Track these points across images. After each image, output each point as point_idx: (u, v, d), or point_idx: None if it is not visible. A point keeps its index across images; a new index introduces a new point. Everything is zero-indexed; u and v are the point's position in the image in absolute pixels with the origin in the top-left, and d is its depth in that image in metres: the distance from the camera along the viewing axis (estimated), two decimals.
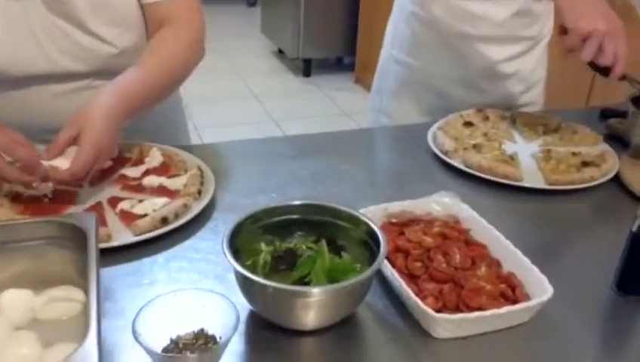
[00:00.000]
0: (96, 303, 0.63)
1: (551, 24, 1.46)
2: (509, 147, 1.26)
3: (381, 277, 0.86)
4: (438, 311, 0.76)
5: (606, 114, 1.44)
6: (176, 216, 0.96)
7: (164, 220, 0.94)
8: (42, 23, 1.06)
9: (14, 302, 0.73)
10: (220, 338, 0.70)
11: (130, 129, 1.07)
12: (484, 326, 0.78)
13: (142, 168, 1.09)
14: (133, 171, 1.08)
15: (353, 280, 0.74)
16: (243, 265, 0.75)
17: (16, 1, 1.04)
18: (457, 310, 0.79)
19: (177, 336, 0.71)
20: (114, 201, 1.00)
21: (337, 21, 4.37)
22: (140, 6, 1.12)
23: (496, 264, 0.87)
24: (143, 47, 1.13)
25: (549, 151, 1.24)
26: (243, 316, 0.80)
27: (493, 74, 1.43)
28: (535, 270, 0.83)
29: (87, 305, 0.65)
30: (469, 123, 1.33)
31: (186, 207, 0.98)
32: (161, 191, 1.03)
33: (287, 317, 0.77)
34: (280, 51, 4.85)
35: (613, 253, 0.89)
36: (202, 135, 3.57)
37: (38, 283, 0.76)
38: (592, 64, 1.17)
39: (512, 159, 1.19)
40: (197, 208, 0.99)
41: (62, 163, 0.97)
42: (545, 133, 1.34)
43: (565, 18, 1.16)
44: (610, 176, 1.16)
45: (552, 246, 0.99)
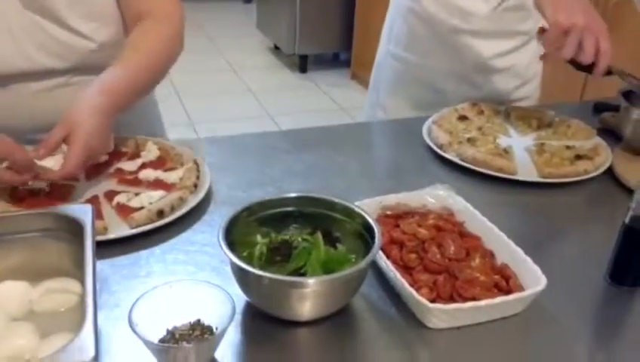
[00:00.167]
0: (92, 294, 0.64)
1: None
2: (504, 141, 1.27)
3: (376, 269, 0.87)
4: (433, 302, 0.77)
5: (599, 108, 1.44)
6: (173, 208, 0.96)
7: (161, 213, 0.94)
8: (19, 20, 1.05)
9: (11, 293, 0.74)
10: (216, 328, 0.71)
11: None
12: (478, 317, 0.79)
13: (138, 162, 1.09)
14: (129, 165, 1.09)
15: (348, 271, 0.74)
16: (239, 257, 0.76)
17: None
18: (451, 300, 0.80)
19: (174, 327, 0.71)
20: (110, 195, 1.00)
21: (333, 17, 4.37)
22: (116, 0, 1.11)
23: (490, 255, 0.87)
24: (120, 41, 1.12)
25: (542, 144, 1.25)
26: (239, 307, 0.80)
27: (488, 69, 1.44)
28: (529, 261, 0.83)
29: (83, 297, 0.65)
30: (463, 117, 1.34)
31: (182, 200, 0.98)
32: (158, 184, 1.03)
33: (283, 307, 0.77)
34: (276, 47, 4.85)
35: (606, 245, 0.89)
36: (198, 130, 3.57)
37: (35, 275, 0.76)
38: (573, 62, 1.16)
39: (506, 152, 1.20)
40: (193, 201, 0.99)
41: (51, 163, 0.97)
42: (539, 127, 1.35)
43: (544, 13, 1.15)
44: (603, 169, 1.17)
45: (546, 238, 1.00)
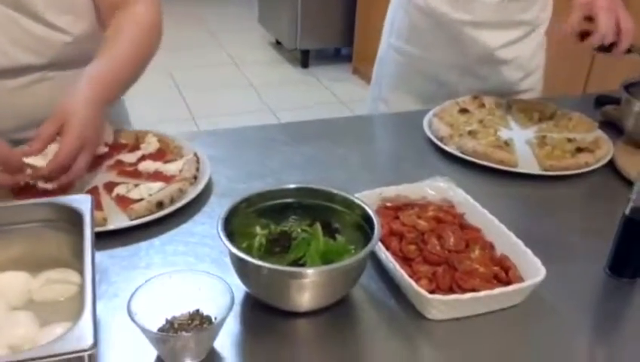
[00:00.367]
0: (91, 283, 0.64)
1: (549, 10, 1.46)
2: (505, 133, 1.26)
3: (375, 260, 0.87)
4: (432, 293, 0.77)
5: (601, 101, 1.44)
6: (172, 200, 0.96)
7: (160, 204, 0.94)
8: None
9: (11, 283, 0.74)
10: (215, 318, 0.71)
11: None
12: (478, 308, 0.79)
13: (138, 154, 1.09)
14: (129, 157, 1.09)
15: (347, 261, 0.74)
16: (238, 248, 0.76)
17: None
18: (451, 292, 0.80)
19: (173, 317, 0.71)
20: (110, 186, 1.00)
21: (335, 12, 4.35)
22: None
23: (489, 247, 0.87)
24: (94, 34, 1.12)
25: (544, 137, 1.24)
26: (238, 298, 0.80)
27: (491, 60, 1.43)
28: (528, 252, 0.83)
29: (82, 286, 0.65)
30: (464, 110, 1.33)
31: (181, 191, 0.98)
32: (157, 176, 1.03)
33: (282, 298, 0.77)
34: (278, 42, 4.83)
35: (607, 237, 0.89)
36: (199, 125, 3.57)
37: (35, 265, 0.76)
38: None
39: (507, 145, 1.20)
40: (193, 193, 0.99)
41: (41, 162, 0.95)
42: (540, 120, 1.34)
43: None
44: (604, 161, 1.17)
45: (546, 230, 1.00)
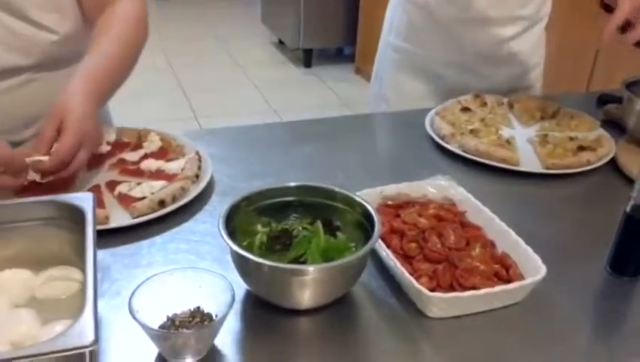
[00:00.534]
0: (92, 280, 0.64)
1: (549, 6, 1.46)
2: (506, 132, 1.26)
3: (376, 258, 0.87)
4: (432, 291, 0.77)
5: (603, 99, 1.44)
6: (174, 198, 0.97)
7: (162, 203, 0.95)
8: None
9: (13, 280, 0.74)
10: (216, 316, 0.71)
11: None
12: (478, 306, 0.79)
13: (140, 152, 1.10)
14: (131, 155, 1.09)
15: (348, 259, 0.75)
16: (239, 245, 0.76)
17: None
18: (451, 289, 0.79)
19: (174, 314, 0.72)
20: (112, 184, 1.01)
21: (338, 11, 4.36)
22: None
23: (490, 245, 0.87)
24: (80, 33, 1.12)
25: (545, 135, 1.24)
26: (239, 296, 0.80)
27: (491, 57, 1.43)
28: (529, 250, 0.83)
29: (84, 284, 0.65)
30: (466, 108, 1.33)
31: (183, 190, 0.99)
32: (159, 174, 1.04)
33: (283, 296, 0.77)
34: (280, 42, 4.84)
35: (608, 235, 0.89)
36: (202, 124, 3.58)
37: (36, 263, 0.76)
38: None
39: (508, 143, 1.20)
40: (194, 191, 0.99)
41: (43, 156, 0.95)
42: (542, 119, 1.34)
43: None
44: (606, 160, 1.17)
45: (547, 228, 1.00)
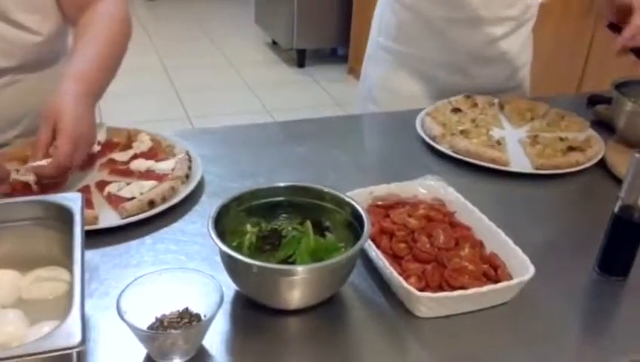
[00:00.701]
0: (80, 281, 0.64)
1: (535, 7, 1.47)
2: (497, 133, 1.27)
3: (366, 259, 0.87)
4: (421, 291, 0.77)
5: (593, 100, 1.44)
6: (164, 199, 0.96)
7: (152, 203, 0.95)
8: None
9: (0, 281, 0.74)
10: (205, 316, 0.71)
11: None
12: (467, 305, 0.79)
13: (130, 152, 1.09)
14: (121, 155, 1.09)
15: (337, 259, 0.75)
16: (228, 246, 0.76)
17: None
18: (440, 289, 0.80)
19: (162, 315, 0.71)
20: (101, 185, 1.00)
21: (331, 12, 4.36)
22: None
23: (479, 245, 0.87)
24: (62, 34, 1.11)
25: (535, 136, 1.25)
26: (228, 296, 0.80)
27: (479, 57, 1.44)
28: (518, 250, 0.83)
29: (72, 284, 0.65)
30: (457, 109, 1.34)
31: (173, 190, 0.98)
32: (149, 174, 1.03)
33: (272, 296, 0.77)
34: (274, 42, 4.84)
35: (597, 235, 0.89)
36: (195, 125, 3.57)
37: (24, 263, 0.76)
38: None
39: (498, 144, 1.20)
40: (184, 191, 0.99)
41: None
42: (532, 120, 1.34)
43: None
44: (595, 160, 1.17)
45: (536, 229, 1.00)
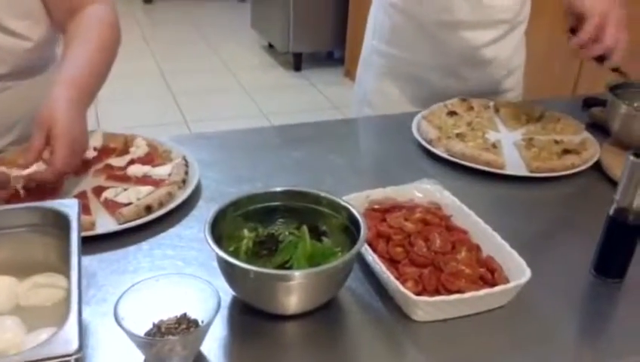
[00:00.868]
0: (77, 287, 0.64)
1: (527, 10, 1.47)
2: (492, 136, 1.27)
3: (363, 263, 0.87)
4: (418, 295, 0.77)
5: (589, 103, 1.45)
6: (161, 204, 0.96)
7: (149, 208, 0.95)
8: None
9: None
10: (202, 322, 0.71)
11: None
12: (464, 309, 0.80)
13: (127, 158, 1.09)
14: (118, 161, 1.09)
15: (334, 264, 0.75)
16: (225, 251, 0.76)
17: None
18: (437, 293, 0.80)
19: (160, 321, 0.71)
20: (98, 190, 1.00)
21: (327, 15, 4.36)
22: None
23: (476, 248, 0.87)
24: (51, 39, 1.11)
25: (531, 139, 1.25)
26: (226, 302, 0.80)
27: (473, 60, 1.44)
28: (514, 253, 0.84)
29: (68, 291, 0.65)
30: (453, 112, 1.34)
31: (170, 195, 0.98)
32: (146, 180, 1.03)
33: (269, 301, 0.77)
34: (270, 46, 4.84)
35: (593, 238, 0.90)
36: (193, 129, 3.58)
37: (21, 270, 0.76)
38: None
39: (494, 147, 1.21)
40: (181, 197, 0.99)
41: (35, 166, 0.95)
42: (528, 123, 1.35)
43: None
44: (590, 163, 1.18)
45: (533, 232, 1.00)
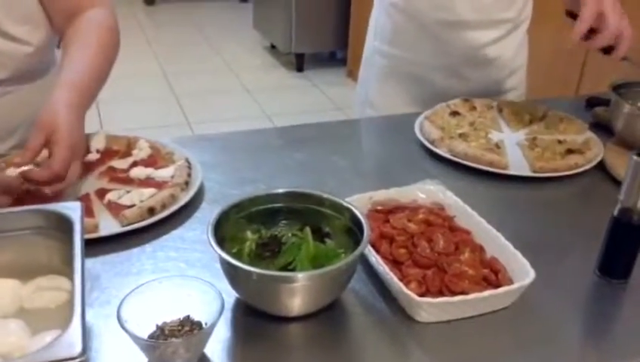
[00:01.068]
0: (80, 290, 0.64)
1: (530, 8, 1.47)
2: (495, 136, 1.27)
3: (366, 264, 0.87)
4: (422, 296, 0.77)
5: (592, 102, 1.44)
6: (164, 206, 0.96)
7: (152, 210, 0.95)
8: None
9: (1, 291, 0.74)
10: (206, 324, 0.71)
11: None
12: (467, 310, 0.79)
13: (129, 160, 1.09)
14: (120, 163, 1.09)
15: (337, 265, 0.75)
16: (228, 253, 0.76)
17: None
18: (441, 295, 0.80)
19: (163, 323, 0.71)
20: (101, 193, 1.00)
21: (329, 15, 4.36)
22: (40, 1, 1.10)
23: (479, 249, 0.87)
24: (52, 43, 1.11)
25: (534, 139, 1.25)
26: (229, 303, 0.80)
27: (475, 60, 1.44)
28: (518, 254, 0.83)
29: (72, 294, 0.65)
30: (455, 112, 1.34)
31: (173, 197, 0.99)
32: (149, 182, 1.03)
33: (273, 303, 0.77)
34: (272, 46, 4.84)
35: (597, 238, 0.89)
36: (195, 130, 3.58)
37: (25, 272, 0.76)
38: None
39: (497, 147, 1.20)
40: (184, 198, 0.99)
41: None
42: (531, 122, 1.35)
43: None
44: (594, 163, 1.17)
45: (536, 232, 1.00)
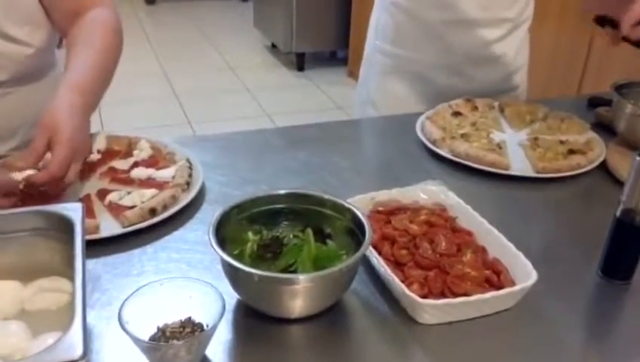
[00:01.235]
0: (81, 292, 0.64)
1: (531, 8, 1.47)
2: (497, 136, 1.27)
3: (368, 266, 0.87)
4: (424, 298, 0.77)
5: (594, 102, 1.44)
6: (165, 207, 0.96)
7: (153, 211, 0.95)
8: None
9: (2, 292, 0.74)
10: (207, 326, 0.71)
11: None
12: (469, 312, 0.79)
13: (130, 161, 1.09)
14: (121, 164, 1.09)
15: (339, 267, 0.74)
16: (230, 255, 0.76)
17: None
18: (442, 296, 0.79)
19: (164, 325, 0.71)
20: (102, 193, 1.00)
21: (330, 15, 4.36)
22: (40, 1, 1.09)
23: (481, 250, 0.87)
24: (52, 45, 1.11)
25: (536, 139, 1.25)
26: (230, 305, 0.80)
27: (477, 59, 1.43)
28: (520, 255, 0.83)
29: (73, 295, 0.65)
30: (457, 113, 1.33)
31: (174, 198, 0.98)
32: (150, 182, 1.03)
33: (274, 305, 0.77)
34: (273, 46, 4.84)
35: (599, 239, 0.89)
36: (196, 130, 3.58)
37: (26, 274, 0.76)
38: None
39: (499, 148, 1.20)
40: (185, 199, 0.99)
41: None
42: (533, 122, 1.34)
43: None
44: (596, 163, 1.17)
45: (538, 233, 1.00)
